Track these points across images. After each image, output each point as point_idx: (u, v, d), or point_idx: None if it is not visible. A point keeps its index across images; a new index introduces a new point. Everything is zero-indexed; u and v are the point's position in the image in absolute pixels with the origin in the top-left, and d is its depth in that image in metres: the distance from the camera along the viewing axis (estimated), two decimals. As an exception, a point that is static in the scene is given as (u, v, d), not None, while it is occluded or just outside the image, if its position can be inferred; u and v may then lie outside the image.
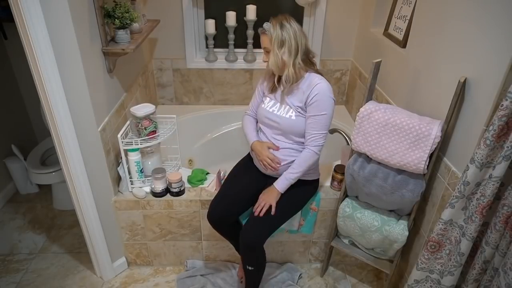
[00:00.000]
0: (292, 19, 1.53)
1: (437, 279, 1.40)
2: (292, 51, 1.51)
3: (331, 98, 1.55)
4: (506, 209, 1.14)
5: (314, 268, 2.12)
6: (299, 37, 1.51)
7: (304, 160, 1.60)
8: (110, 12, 1.62)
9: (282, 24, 1.49)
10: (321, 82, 1.55)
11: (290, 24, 1.50)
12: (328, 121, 1.57)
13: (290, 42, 1.50)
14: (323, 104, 1.54)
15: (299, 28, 1.53)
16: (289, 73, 1.53)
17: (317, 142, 1.58)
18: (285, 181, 1.61)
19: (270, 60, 1.53)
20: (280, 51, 1.50)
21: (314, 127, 1.57)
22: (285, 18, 1.52)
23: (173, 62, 2.66)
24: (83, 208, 1.74)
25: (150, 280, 2.03)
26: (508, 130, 1.09)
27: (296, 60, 1.52)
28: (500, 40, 1.15)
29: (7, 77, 2.63)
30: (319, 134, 1.57)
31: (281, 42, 1.49)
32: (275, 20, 1.52)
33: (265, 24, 1.53)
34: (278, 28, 1.49)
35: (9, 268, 2.09)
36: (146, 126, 1.79)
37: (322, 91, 1.53)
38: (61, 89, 1.46)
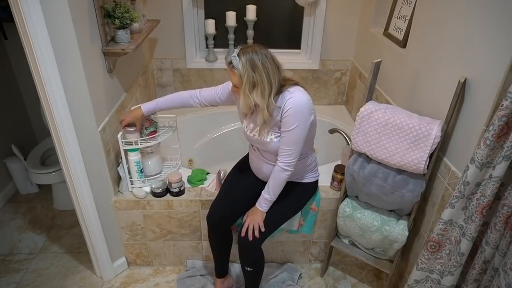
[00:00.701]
0: (263, 51, 1.37)
1: (437, 279, 1.40)
2: (266, 93, 1.37)
3: (305, 110, 1.42)
4: (506, 209, 1.14)
5: (314, 268, 2.12)
6: (272, 75, 1.36)
7: (273, 178, 1.53)
8: (110, 12, 1.62)
9: (253, 64, 1.33)
10: (293, 95, 1.41)
11: (262, 63, 1.34)
12: (298, 136, 1.44)
13: (263, 84, 1.35)
14: (294, 118, 1.40)
15: (272, 63, 1.37)
16: (264, 117, 1.41)
17: (286, 158, 1.48)
18: (264, 200, 1.57)
19: (241, 101, 1.42)
20: (251, 94, 1.37)
21: (284, 142, 1.46)
22: (256, 53, 1.34)
23: (173, 62, 2.67)
24: (83, 208, 1.74)
25: (150, 280, 2.03)
26: (508, 130, 1.09)
27: (269, 101, 1.38)
28: (500, 40, 1.15)
29: (7, 77, 2.63)
30: (288, 149, 1.46)
31: (252, 84, 1.35)
32: (244, 56, 1.34)
33: (233, 59, 1.35)
34: (249, 69, 1.33)
35: (9, 268, 2.09)
36: (147, 126, 1.79)
37: (294, 105, 1.40)
38: (61, 89, 1.46)
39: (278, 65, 1.41)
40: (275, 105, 1.42)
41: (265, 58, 1.36)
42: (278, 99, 1.44)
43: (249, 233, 1.56)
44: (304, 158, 1.62)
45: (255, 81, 1.35)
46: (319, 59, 2.67)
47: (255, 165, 1.70)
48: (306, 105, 1.43)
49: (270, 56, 1.38)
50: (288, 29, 2.68)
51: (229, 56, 1.37)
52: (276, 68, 1.39)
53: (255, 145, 1.64)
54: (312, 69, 2.71)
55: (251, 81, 1.35)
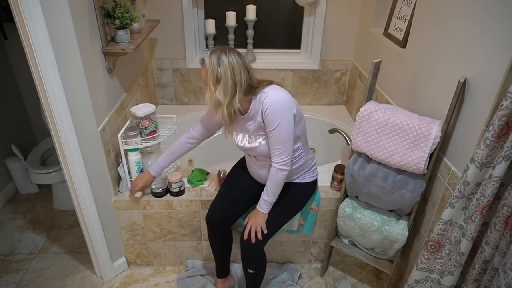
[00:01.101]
0: (234, 51, 1.38)
1: (437, 279, 1.40)
2: (228, 92, 1.36)
3: (283, 105, 1.41)
4: (506, 209, 1.14)
5: (314, 268, 2.12)
6: (238, 74, 1.36)
7: (271, 179, 1.52)
8: (110, 12, 1.62)
9: (219, 59, 1.34)
10: (267, 94, 1.41)
11: (228, 59, 1.34)
12: (284, 133, 1.43)
13: (226, 80, 1.35)
14: (274, 116, 1.40)
15: (240, 63, 1.36)
16: (222, 114, 1.40)
17: (278, 158, 1.47)
18: (265, 202, 1.57)
19: (206, 97, 1.42)
20: (215, 88, 1.37)
21: (272, 142, 1.45)
22: (225, 51, 1.36)
23: (173, 62, 2.67)
24: (83, 208, 1.74)
25: (150, 280, 2.03)
26: (508, 130, 1.09)
27: (233, 101, 1.38)
28: (500, 40, 1.15)
29: (7, 77, 2.63)
30: (278, 148, 1.45)
31: (216, 78, 1.36)
32: (213, 52, 1.36)
33: (205, 56, 1.38)
34: (215, 63, 1.34)
35: (9, 268, 2.09)
36: (147, 126, 1.79)
37: (271, 103, 1.39)
38: (61, 89, 1.46)
39: (248, 67, 1.41)
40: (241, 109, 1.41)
41: (233, 57, 1.36)
42: (256, 102, 1.44)
43: (252, 236, 1.56)
44: (299, 157, 1.61)
45: (218, 76, 1.35)
46: (319, 59, 2.66)
47: (253, 170, 1.71)
48: (283, 100, 1.42)
49: (239, 57, 1.38)
50: (288, 29, 2.68)
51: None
52: (243, 68, 1.38)
53: (249, 152, 1.64)
54: (312, 69, 2.71)
55: (215, 75, 1.35)
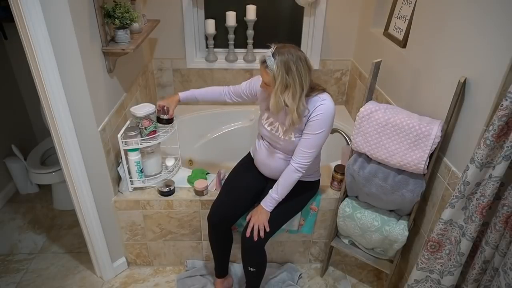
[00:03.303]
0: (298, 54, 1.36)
1: (437, 279, 1.40)
2: (297, 96, 1.38)
3: (332, 117, 1.47)
4: (506, 209, 1.14)
5: (314, 268, 2.12)
6: (305, 79, 1.38)
7: (285, 177, 1.55)
8: (110, 12, 1.62)
9: (288, 67, 1.34)
10: (324, 102, 1.45)
11: (296, 66, 1.34)
12: (321, 140, 1.50)
13: (295, 87, 1.36)
14: (321, 123, 1.45)
15: (305, 67, 1.37)
16: (293, 118, 1.42)
17: (302, 160, 1.51)
18: (271, 200, 1.58)
19: (271, 101, 1.42)
20: (283, 95, 1.38)
21: (305, 144, 1.49)
22: (292, 54, 1.35)
23: (173, 62, 2.67)
24: (83, 208, 1.74)
25: (150, 280, 2.03)
26: (508, 130, 1.09)
27: (300, 103, 1.40)
28: (500, 40, 1.15)
29: (7, 77, 2.63)
30: (308, 152, 1.50)
31: (285, 86, 1.36)
32: (280, 57, 1.34)
33: (268, 59, 1.35)
34: (284, 71, 1.34)
35: (9, 268, 2.09)
36: (146, 126, 1.79)
37: (326, 111, 1.44)
38: (61, 89, 1.46)
39: (310, 68, 1.42)
40: (307, 108, 1.45)
41: (299, 62, 1.36)
42: (308, 102, 1.46)
43: (254, 234, 1.56)
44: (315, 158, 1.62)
45: (287, 83, 1.36)
46: (319, 59, 2.67)
47: (262, 157, 1.69)
48: (333, 113, 1.48)
49: (304, 59, 1.39)
50: (288, 29, 2.68)
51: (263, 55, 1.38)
52: (308, 71, 1.39)
53: (266, 139, 1.64)
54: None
55: (284, 83, 1.36)
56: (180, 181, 1.94)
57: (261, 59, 1.40)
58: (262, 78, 1.45)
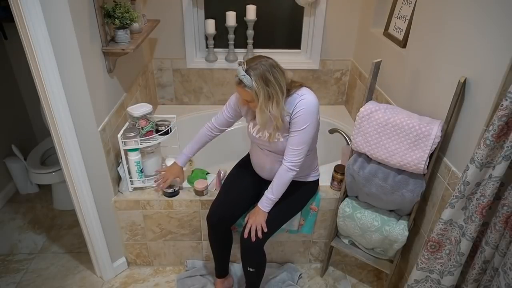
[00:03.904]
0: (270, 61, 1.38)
1: (437, 279, 1.40)
2: (280, 101, 1.39)
3: (315, 110, 1.46)
4: (506, 209, 1.14)
5: (314, 268, 2.12)
6: (283, 83, 1.39)
7: (279, 177, 1.54)
8: (110, 12, 1.62)
9: (266, 79, 1.34)
10: (303, 97, 1.44)
11: (273, 75, 1.35)
12: (308, 135, 1.47)
13: (278, 95, 1.37)
14: (304, 119, 1.44)
15: (280, 72, 1.38)
16: (277, 125, 1.44)
17: (293, 158, 1.50)
18: (267, 200, 1.57)
19: (257, 118, 1.43)
20: (267, 107, 1.39)
21: (292, 142, 1.48)
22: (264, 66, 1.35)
23: (173, 62, 2.66)
24: (83, 208, 1.74)
25: (150, 280, 2.03)
26: (508, 130, 1.09)
27: (282, 107, 1.41)
28: (500, 40, 1.15)
29: (7, 77, 2.63)
30: (297, 149, 1.48)
31: (267, 98, 1.37)
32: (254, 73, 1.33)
33: (243, 78, 1.34)
34: (263, 85, 1.34)
35: (9, 268, 2.09)
36: (143, 126, 1.79)
37: (307, 106, 1.43)
38: (61, 89, 1.46)
39: (283, 71, 1.42)
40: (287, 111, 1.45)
41: (274, 69, 1.37)
42: (287, 102, 1.46)
43: (252, 234, 1.56)
44: (310, 156, 1.62)
45: (270, 94, 1.37)
46: (319, 59, 2.67)
47: (258, 161, 1.70)
48: (316, 105, 1.47)
49: (276, 65, 1.39)
50: (288, 29, 2.68)
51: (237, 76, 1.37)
52: (283, 75, 1.40)
53: (260, 146, 1.65)
54: (312, 69, 2.71)
55: (266, 96, 1.37)
56: (180, 181, 1.94)
57: (236, 80, 1.38)
58: (241, 97, 1.44)
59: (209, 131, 1.77)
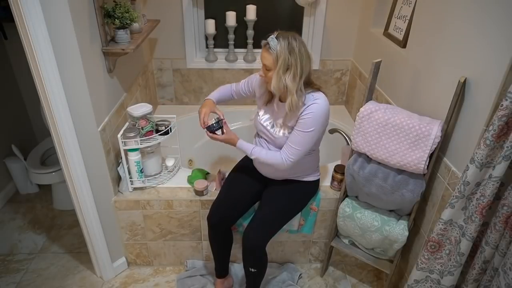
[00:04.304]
0: (300, 39, 1.41)
1: (437, 279, 1.40)
2: (297, 78, 1.40)
3: (324, 117, 1.48)
4: (506, 209, 1.14)
5: (314, 268, 2.12)
6: (305, 63, 1.41)
7: (271, 157, 1.55)
8: (110, 12, 1.62)
9: (291, 47, 1.37)
10: (317, 101, 1.46)
11: (299, 49, 1.38)
12: (310, 139, 1.49)
13: (296, 67, 1.39)
14: (312, 122, 1.46)
15: (307, 52, 1.42)
16: (292, 101, 1.43)
17: (289, 155, 1.51)
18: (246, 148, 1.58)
19: (272, 82, 1.42)
20: (284, 75, 1.39)
21: (293, 140, 1.49)
22: (295, 38, 1.39)
23: (173, 62, 2.66)
24: (83, 208, 1.74)
25: (150, 280, 2.03)
26: (508, 130, 1.09)
27: (299, 86, 1.42)
28: (500, 40, 1.15)
29: (7, 77, 2.63)
30: (295, 148, 1.49)
31: (287, 66, 1.38)
32: (283, 39, 1.37)
33: (270, 40, 1.38)
34: (287, 51, 1.37)
35: (9, 268, 2.09)
36: (143, 126, 1.79)
37: (317, 111, 1.45)
38: (61, 89, 1.46)
39: (311, 57, 1.45)
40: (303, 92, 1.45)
41: (302, 46, 1.40)
42: (300, 100, 1.46)
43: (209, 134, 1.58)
44: (312, 156, 1.62)
45: (289, 63, 1.38)
46: (319, 59, 2.66)
47: None
48: (326, 113, 1.48)
49: (305, 46, 1.42)
50: (288, 29, 2.65)
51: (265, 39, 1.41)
52: (308, 58, 1.43)
53: (263, 137, 1.65)
54: (312, 69, 2.70)
55: (286, 63, 1.38)
56: (180, 181, 1.94)
57: (263, 42, 1.42)
58: (263, 62, 1.44)
59: (231, 91, 1.79)
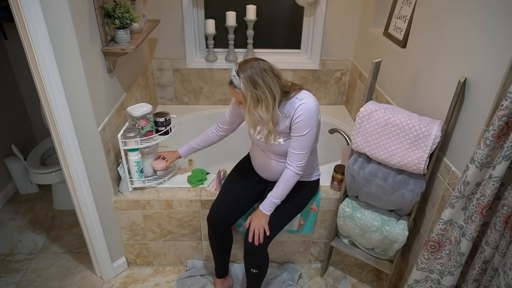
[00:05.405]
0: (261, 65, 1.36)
1: (437, 279, 1.40)
2: (270, 106, 1.38)
3: (316, 114, 1.46)
4: (506, 209, 1.14)
5: (314, 268, 2.12)
6: (274, 88, 1.37)
7: (285, 182, 1.54)
8: (110, 12, 1.62)
9: (253, 81, 1.34)
10: (303, 101, 1.43)
11: (262, 78, 1.34)
12: (311, 140, 1.49)
13: (267, 99, 1.36)
14: (305, 123, 1.44)
15: (272, 76, 1.37)
16: (269, 128, 1.45)
17: (298, 162, 1.51)
18: (271, 204, 1.56)
19: (246, 118, 1.44)
20: (256, 110, 1.39)
21: (295, 147, 1.49)
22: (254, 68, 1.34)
23: (173, 62, 2.66)
24: (83, 208, 1.74)
25: (150, 280, 2.03)
26: (508, 130, 1.09)
27: (274, 112, 1.41)
28: (500, 40, 1.15)
29: (7, 77, 2.63)
30: (300, 154, 1.49)
31: (256, 100, 1.37)
32: (243, 74, 1.34)
33: (233, 79, 1.36)
34: (251, 87, 1.34)
35: (9, 268, 2.09)
36: (143, 126, 1.79)
37: (307, 110, 1.43)
38: (61, 89, 1.46)
39: (278, 74, 1.42)
40: (281, 115, 1.44)
41: (264, 73, 1.36)
42: (286, 106, 1.46)
43: (255, 238, 1.55)
44: (311, 155, 1.62)
45: (258, 97, 1.37)
46: (319, 59, 2.66)
47: (259, 162, 1.70)
48: (316, 109, 1.46)
49: (269, 68, 1.38)
50: (288, 29, 2.68)
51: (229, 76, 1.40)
52: (276, 79, 1.39)
53: (259, 147, 1.65)
54: (312, 69, 2.71)
55: (254, 98, 1.37)
56: (180, 181, 1.94)
57: (228, 80, 1.40)
58: (234, 97, 1.48)
59: (214, 129, 1.81)
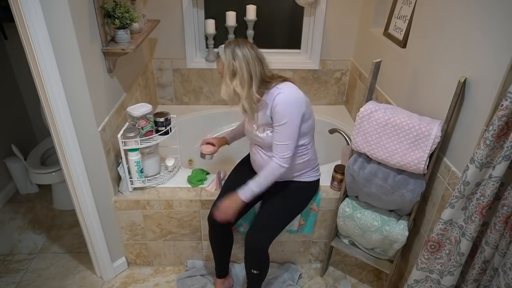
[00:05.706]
0: (248, 44, 1.44)
1: (437, 279, 1.40)
2: (245, 84, 1.42)
3: (295, 105, 1.45)
4: (506, 209, 1.14)
5: (314, 268, 2.12)
6: (253, 66, 1.42)
7: (267, 172, 1.52)
8: (110, 12, 1.62)
9: (234, 52, 1.40)
10: (281, 91, 1.44)
11: (243, 52, 1.40)
12: (290, 130, 1.46)
13: (242, 73, 1.41)
14: (282, 113, 1.44)
15: (254, 55, 1.43)
16: (243, 106, 1.48)
17: (281, 154, 1.49)
18: (248, 190, 1.52)
19: (222, 89, 1.47)
20: (232, 82, 1.44)
21: (276, 137, 1.48)
22: (239, 44, 1.42)
23: (173, 62, 2.67)
24: (83, 208, 1.74)
25: (150, 280, 2.03)
26: (508, 130, 1.09)
27: (250, 92, 1.44)
28: (500, 40, 1.15)
29: (7, 77, 2.63)
30: (282, 144, 1.48)
31: (232, 72, 1.42)
32: (228, 47, 1.42)
33: (219, 49, 1.45)
34: (230, 57, 1.41)
35: (9, 268, 2.09)
36: (143, 126, 1.79)
37: (281, 101, 1.43)
38: (61, 89, 1.46)
39: (261, 58, 1.47)
40: (260, 98, 1.47)
41: (247, 50, 1.42)
42: (267, 96, 1.48)
43: (217, 215, 1.55)
44: (305, 153, 1.61)
45: (234, 69, 1.42)
46: (319, 59, 2.66)
47: (257, 160, 1.69)
48: (295, 99, 1.46)
49: (252, 49, 1.44)
50: (288, 29, 2.68)
51: None
52: (257, 61, 1.44)
53: (255, 142, 1.64)
54: (312, 69, 2.71)
55: (231, 69, 1.42)
56: (180, 181, 1.94)
57: (215, 52, 1.49)
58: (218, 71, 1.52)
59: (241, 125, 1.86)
